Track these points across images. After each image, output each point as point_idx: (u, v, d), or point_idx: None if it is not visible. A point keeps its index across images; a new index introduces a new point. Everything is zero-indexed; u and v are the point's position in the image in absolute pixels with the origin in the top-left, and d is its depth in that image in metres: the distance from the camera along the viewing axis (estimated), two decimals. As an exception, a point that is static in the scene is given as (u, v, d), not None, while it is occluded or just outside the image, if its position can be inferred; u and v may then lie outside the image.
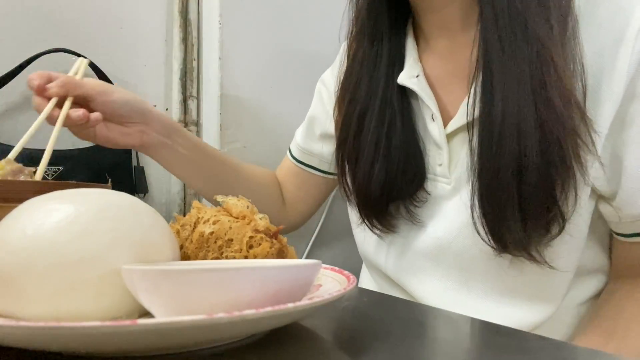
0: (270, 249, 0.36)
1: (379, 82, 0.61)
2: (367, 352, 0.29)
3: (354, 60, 0.64)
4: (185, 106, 1.03)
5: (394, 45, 0.62)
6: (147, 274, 0.27)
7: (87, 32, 0.94)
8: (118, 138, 0.63)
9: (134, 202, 0.33)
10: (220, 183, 0.75)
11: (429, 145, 0.60)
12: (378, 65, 0.61)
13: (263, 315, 0.25)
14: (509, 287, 0.55)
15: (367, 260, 0.71)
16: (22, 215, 0.30)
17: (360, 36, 0.63)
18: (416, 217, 0.60)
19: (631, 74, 0.48)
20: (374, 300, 0.46)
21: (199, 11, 1.03)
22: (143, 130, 0.65)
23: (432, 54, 0.61)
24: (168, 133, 0.67)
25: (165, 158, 0.69)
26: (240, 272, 0.27)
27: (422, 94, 0.58)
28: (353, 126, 0.61)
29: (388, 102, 0.60)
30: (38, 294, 0.28)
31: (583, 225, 0.52)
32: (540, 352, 0.31)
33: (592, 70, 0.49)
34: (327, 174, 0.81)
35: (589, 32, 0.50)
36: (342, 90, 0.65)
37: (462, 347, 0.32)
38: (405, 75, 0.60)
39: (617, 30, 0.49)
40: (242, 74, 1.00)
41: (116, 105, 0.61)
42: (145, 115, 0.64)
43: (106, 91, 0.60)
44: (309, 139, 0.81)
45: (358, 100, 0.61)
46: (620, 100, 0.49)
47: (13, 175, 0.45)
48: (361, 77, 0.62)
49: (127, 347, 0.25)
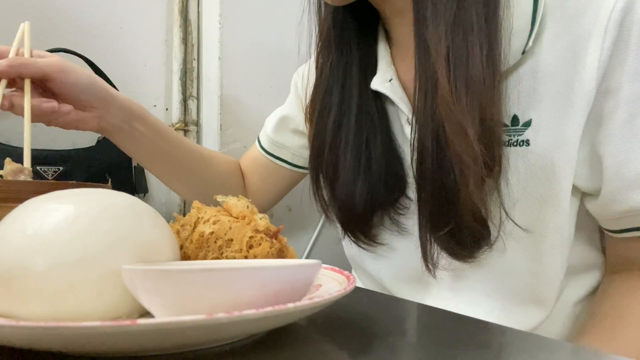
0: (270, 249, 0.36)
1: (352, 90, 0.59)
2: (367, 352, 0.29)
3: (322, 71, 0.62)
4: (185, 106, 1.03)
5: (364, 52, 0.60)
6: (147, 274, 0.27)
7: (87, 32, 0.94)
8: (73, 123, 0.60)
9: (134, 202, 0.33)
10: (181, 169, 0.74)
11: (406, 149, 0.58)
12: (349, 73, 0.59)
13: (263, 315, 0.25)
14: (499, 291, 0.54)
15: (358, 269, 0.70)
16: (22, 215, 0.30)
17: (327, 46, 0.61)
18: (401, 226, 0.59)
19: (602, 70, 0.47)
20: (374, 300, 0.46)
21: (199, 11, 1.03)
22: (100, 115, 0.62)
23: (404, 58, 0.60)
24: (127, 119, 0.65)
25: (122, 143, 0.67)
26: (240, 272, 0.27)
27: (395, 97, 0.57)
28: (328, 138, 0.59)
29: (364, 109, 0.58)
30: (38, 294, 0.28)
31: (566, 225, 0.51)
32: (540, 352, 0.31)
33: (564, 67, 0.48)
34: (296, 167, 0.80)
35: (559, 27, 0.48)
36: (312, 103, 0.63)
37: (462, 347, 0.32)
38: (378, 80, 0.58)
39: (587, 25, 0.47)
40: (242, 74, 1.00)
41: (77, 88, 0.58)
42: (104, 99, 0.61)
43: (65, 69, 0.56)
44: (280, 131, 0.79)
45: (330, 111, 0.59)
46: (593, 97, 0.47)
47: (13, 175, 0.45)
48: (332, 87, 0.60)
49: (127, 347, 0.25)
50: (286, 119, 0.79)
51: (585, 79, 0.47)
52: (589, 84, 0.47)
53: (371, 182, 0.57)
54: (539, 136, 0.49)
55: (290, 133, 0.79)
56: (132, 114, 0.65)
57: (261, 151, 0.81)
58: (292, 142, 0.78)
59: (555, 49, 0.49)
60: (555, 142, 0.49)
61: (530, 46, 0.48)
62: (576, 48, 0.47)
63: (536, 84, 0.49)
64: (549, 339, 0.32)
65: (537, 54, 0.49)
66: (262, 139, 0.82)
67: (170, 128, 0.74)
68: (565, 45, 0.48)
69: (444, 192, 0.48)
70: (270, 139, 0.80)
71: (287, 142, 0.79)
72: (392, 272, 0.63)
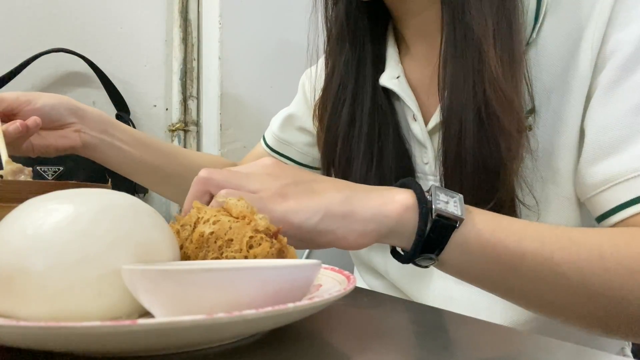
0: (270, 249, 0.36)
1: (366, 85, 0.60)
2: (367, 352, 0.29)
3: (334, 67, 0.63)
4: (185, 106, 1.03)
5: (376, 49, 0.62)
6: (147, 274, 0.27)
7: (87, 32, 0.94)
8: (57, 143, 0.61)
9: (134, 202, 0.33)
10: (167, 176, 0.74)
11: (414, 145, 0.60)
12: (362, 68, 0.61)
13: (263, 315, 0.25)
14: None
15: (362, 265, 0.70)
16: (22, 215, 0.30)
17: (341, 41, 0.62)
18: None
19: (595, 54, 0.48)
20: (374, 300, 0.46)
21: (199, 11, 1.03)
22: (79, 129, 0.63)
23: (412, 58, 0.61)
24: (105, 128, 0.65)
25: (107, 156, 0.68)
26: (240, 272, 0.27)
27: (403, 94, 0.58)
28: (341, 131, 0.60)
29: (377, 103, 0.60)
30: (38, 294, 0.28)
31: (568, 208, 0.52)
32: (541, 352, 0.31)
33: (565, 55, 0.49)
34: (301, 165, 0.80)
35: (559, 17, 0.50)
36: (323, 99, 0.64)
37: (462, 347, 0.32)
38: (386, 77, 0.60)
39: (584, 13, 0.49)
40: (242, 74, 1.00)
41: (44, 111, 0.59)
42: (77, 113, 0.63)
43: (30, 100, 0.59)
44: (286, 129, 0.79)
45: (344, 105, 0.61)
46: (589, 84, 0.49)
47: (13, 175, 0.45)
48: (346, 82, 0.61)
49: (127, 347, 0.25)
50: (292, 117, 0.80)
51: (582, 65, 0.49)
52: (585, 70, 0.49)
53: (382, 175, 0.58)
54: (541, 122, 0.51)
55: (296, 131, 0.79)
56: (108, 123, 0.67)
57: (267, 149, 0.81)
58: (298, 139, 0.79)
59: (555, 37, 0.50)
60: (555, 128, 0.50)
61: (534, 38, 0.51)
62: (574, 36, 0.49)
63: (539, 72, 0.51)
64: (549, 339, 0.32)
65: (539, 44, 0.51)
66: (268, 137, 0.82)
67: (145, 134, 0.74)
68: (565, 34, 0.50)
69: (484, 173, 0.49)
70: (276, 136, 0.80)
71: (293, 139, 0.79)
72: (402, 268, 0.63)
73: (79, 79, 0.95)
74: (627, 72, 0.47)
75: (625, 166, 0.45)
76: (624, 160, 0.45)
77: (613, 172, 0.46)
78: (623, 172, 0.45)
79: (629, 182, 0.45)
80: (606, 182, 0.46)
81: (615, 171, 0.46)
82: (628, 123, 0.46)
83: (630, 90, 0.46)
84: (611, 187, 0.46)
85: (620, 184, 0.45)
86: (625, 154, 0.45)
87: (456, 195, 0.43)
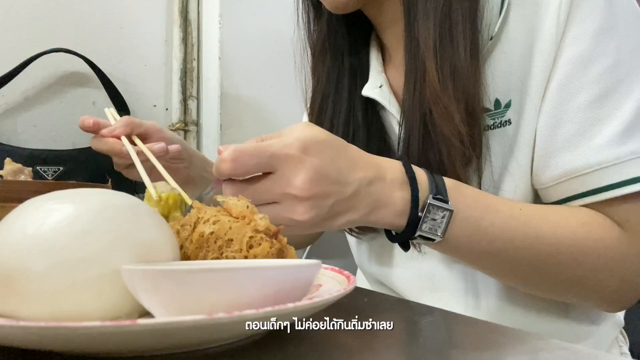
0: (270, 249, 0.36)
1: (342, 95, 0.63)
2: (367, 352, 0.29)
3: (319, 80, 0.66)
4: (185, 106, 1.03)
5: (356, 60, 0.64)
6: (147, 274, 0.27)
7: (87, 32, 0.94)
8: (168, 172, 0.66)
9: (134, 202, 0.33)
10: None
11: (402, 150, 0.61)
12: (341, 79, 0.63)
13: (263, 315, 0.25)
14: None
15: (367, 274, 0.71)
16: (22, 215, 0.30)
17: (323, 54, 0.65)
18: None
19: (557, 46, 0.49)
20: (374, 300, 0.46)
21: (199, 11, 1.03)
22: (187, 166, 0.68)
23: (395, 65, 0.63)
24: (205, 167, 0.71)
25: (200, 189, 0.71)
26: (240, 272, 0.27)
27: (384, 101, 0.59)
28: None
29: (352, 114, 0.62)
30: (38, 294, 0.28)
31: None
32: (541, 352, 0.31)
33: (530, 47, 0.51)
34: None
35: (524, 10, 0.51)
36: (312, 105, 0.67)
37: (462, 347, 0.32)
38: (369, 87, 0.61)
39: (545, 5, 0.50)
40: (242, 74, 1.00)
41: (171, 142, 0.64)
42: (189, 152, 0.69)
43: (161, 129, 0.66)
44: None
45: (326, 113, 0.63)
46: (550, 68, 0.50)
47: (13, 175, 0.45)
48: (328, 93, 0.64)
49: (127, 347, 0.25)
50: None
51: (543, 59, 0.50)
52: (546, 64, 0.50)
53: None
54: (518, 114, 0.52)
55: None
56: (207, 163, 0.73)
57: None
58: None
59: (520, 30, 0.51)
60: (532, 118, 0.52)
61: (496, 32, 0.52)
62: (537, 28, 0.51)
63: (510, 66, 0.52)
64: (549, 339, 0.33)
65: (507, 38, 0.52)
66: None
67: None
68: (529, 27, 0.51)
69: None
70: None
71: None
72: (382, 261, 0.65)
73: (79, 79, 0.95)
74: (581, 67, 0.49)
75: (579, 162, 0.49)
76: (577, 155, 0.49)
77: (567, 168, 0.49)
78: (579, 167, 0.49)
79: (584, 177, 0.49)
80: (566, 174, 0.50)
81: (572, 167, 0.49)
82: (581, 118, 0.49)
83: (584, 85, 0.49)
84: (566, 181, 0.50)
85: (575, 178, 0.49)
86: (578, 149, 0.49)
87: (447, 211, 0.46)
